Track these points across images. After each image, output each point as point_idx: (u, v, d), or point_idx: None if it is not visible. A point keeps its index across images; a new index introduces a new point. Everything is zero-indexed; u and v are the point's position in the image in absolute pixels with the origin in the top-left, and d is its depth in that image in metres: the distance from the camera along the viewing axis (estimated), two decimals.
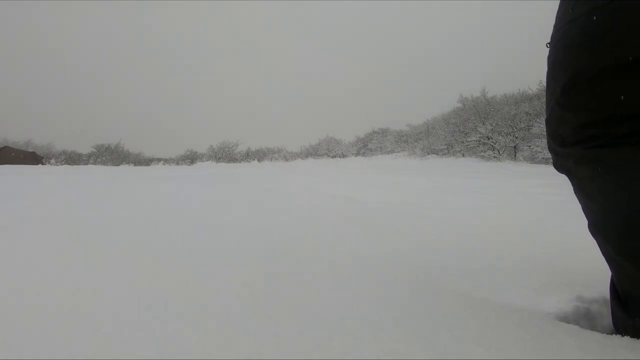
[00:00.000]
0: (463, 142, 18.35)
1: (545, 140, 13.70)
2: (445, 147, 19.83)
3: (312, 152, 26.91)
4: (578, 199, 0.72)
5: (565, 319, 0.77)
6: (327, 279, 0.85)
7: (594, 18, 0.60)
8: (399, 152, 24.81)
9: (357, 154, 25.50)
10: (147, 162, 24.09)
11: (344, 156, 25.16)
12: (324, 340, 0.57)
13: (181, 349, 0.56)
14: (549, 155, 13.63)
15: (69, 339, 0.57)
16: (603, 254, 0.69)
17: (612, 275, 0.69)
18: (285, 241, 1.22)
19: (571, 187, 0.73)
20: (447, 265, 1.02)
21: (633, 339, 0.60)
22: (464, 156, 17.78)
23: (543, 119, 13.92)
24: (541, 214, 2.16)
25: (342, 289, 0.79)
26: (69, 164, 19.33)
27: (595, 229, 0.68)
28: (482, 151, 16.74)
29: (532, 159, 14.43)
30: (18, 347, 0.55)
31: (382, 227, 1.62)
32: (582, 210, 0.72)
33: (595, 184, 0.64)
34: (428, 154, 19.74)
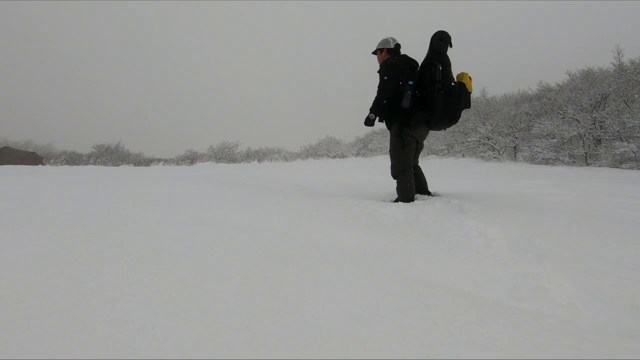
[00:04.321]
0: (463, 143, 18.33)
1: (544, 141, 13.71)
2: (445, 147, 19.81)
3: (312, 153, 26.79)
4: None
5: None
6: None
7: None
8: None
9: (357, 155, 25.43)
10: (147, 162, 24.04)
11: (343, 156, 25.09)
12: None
13: (181, 348, 0.56)
14: (549, 155, 13.61)
15: (69, 339, 0.57)
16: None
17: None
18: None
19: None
20: None
21: (633, 339, 0.61)
22: (464, 156, 17.76)
23: (543, 120, 13.96)
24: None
25: None
26: (69, 164, 19.31)
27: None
28: (482, 151, 16.72)
29: (532, 159, 14.41)
30: (18, 347, 0.55)
31: None
32: None
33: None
34: (428, 154, 19.71)
